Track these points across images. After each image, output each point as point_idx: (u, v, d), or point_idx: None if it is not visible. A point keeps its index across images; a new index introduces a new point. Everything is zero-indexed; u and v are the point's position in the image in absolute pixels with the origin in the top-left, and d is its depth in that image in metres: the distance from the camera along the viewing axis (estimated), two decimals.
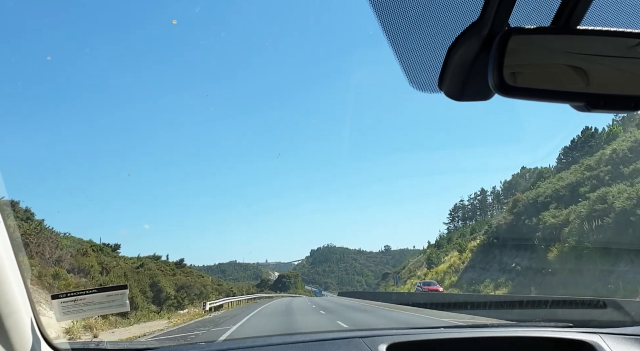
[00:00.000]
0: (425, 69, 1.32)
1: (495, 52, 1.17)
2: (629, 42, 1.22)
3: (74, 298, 2.28)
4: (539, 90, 1.23)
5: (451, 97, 1.31)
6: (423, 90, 1.36)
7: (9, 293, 1.73)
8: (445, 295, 28.74)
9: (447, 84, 1.28)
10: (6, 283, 1.72)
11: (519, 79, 1.22)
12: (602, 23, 1.21)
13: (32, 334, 1.87)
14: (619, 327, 2.69)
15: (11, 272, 1.76)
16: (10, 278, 1.75)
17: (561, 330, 2.67)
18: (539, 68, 1.26)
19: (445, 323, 14.03)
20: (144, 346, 2.51)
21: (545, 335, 2.62)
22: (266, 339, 2.55)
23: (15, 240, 1.86)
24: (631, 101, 1.22)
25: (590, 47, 1.22)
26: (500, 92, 1.20)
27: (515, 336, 2.63)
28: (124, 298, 2.37)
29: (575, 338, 2.53)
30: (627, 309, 12.48)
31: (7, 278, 1.73)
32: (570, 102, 1.23)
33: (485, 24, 1.18)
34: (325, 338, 2.47)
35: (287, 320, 21.46)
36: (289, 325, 18.55)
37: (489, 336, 2.65)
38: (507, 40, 1.17)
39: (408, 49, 1.29)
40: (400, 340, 2.46)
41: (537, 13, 1.22)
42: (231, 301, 40.33)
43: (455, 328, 3.13)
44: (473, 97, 1.32)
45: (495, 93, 1.23)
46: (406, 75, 1.33)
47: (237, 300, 44.13)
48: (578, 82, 1.22)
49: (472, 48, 1.22)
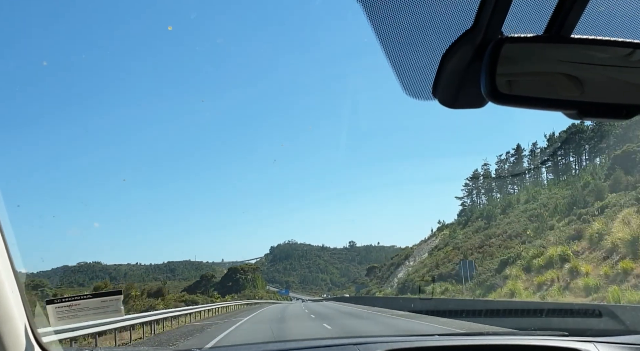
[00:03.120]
0: (419, 76, 1.32)
1: (488, 60, 1.18)
2: (622, 51, 1.24)
3: (69, 303, 2.27)
4: (532, 98, 1.24)
5: (445, 104, 1.32)
6: (417, 98, 1.36)
7: (2, 299, 1.73)
8: (439, 301, 28.62)
9: (441, 91, 1.29)
10: (0, 289, 1.72)
11: (512, 86, 1.24)
12: (595, 32, 1.23)
13: (26, 340, 1.87)
14: (613, 336, 2.70)
15: (6, 278, 1.76)
16: (4, 283, 1.74)
17: (556, 338, 2.67)
18: (532, 76, 1.27)
19: (441, 331, 14.01)
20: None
21: (540, 343, 2.62)
22: (261, 346, 2.55)
23: (9, 245, 1.86)
24: (623, 109, 1.23)
25: (582, 56, 1.24)
26: (492, 100, 1.20)
27: (511, 345, 2.63)
28: (118, 303, 2.36)
29: (570, 347, 2.53)
30: (622, 318, 12.49)
31: (1, 284, 1.73)
32: (563, 110, 1.25)
33: (479, 32, 1.19)
34: (320, 345, 2.47)
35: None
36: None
37: (484, 344, 2.65)
38: (500, 48, 1.19)
39: (402, 56, 1.30)
40: (394, 347, 2.46)
41: (530, 21, 1.23)
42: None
43: (451, 336, 3.13)
44: (467, 105, 1.33)
45: (488, 101, 1.25)
46: (400, 82, 1.34)
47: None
48: (570, 90, 1.23)
49: (465, 56, 1.23)
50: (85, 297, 2.31)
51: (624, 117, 1.24)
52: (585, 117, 1.22)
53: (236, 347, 2.53)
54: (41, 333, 2.06)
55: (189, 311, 29.83)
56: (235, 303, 53.19)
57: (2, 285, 1.73)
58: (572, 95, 1.23)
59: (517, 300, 25.22)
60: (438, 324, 18.99)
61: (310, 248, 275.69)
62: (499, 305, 20.57)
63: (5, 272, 1.76)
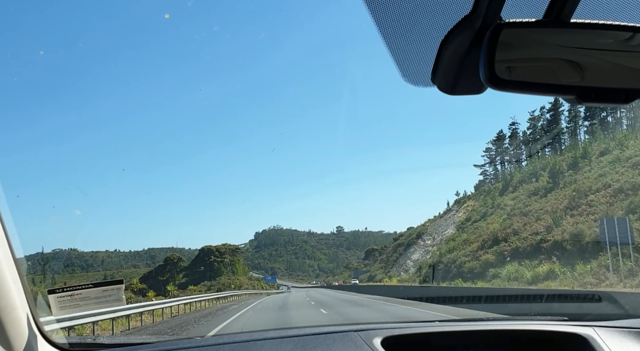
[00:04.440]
0: (418, 62, 1.32)
1: (487, 46, 1.18)
2: (621, 35, 1.23)
3: (71, 293, 2.28)
4: (531, 83, 1.24)
5: (444, 90, 1.32)
6: (416, 84, 1.36)
7: (4, 289, 1.74)
8: (440, 288, 28.71)
9: (440, 77, 1.29)
10: (2, 278, 1.73)
11: (511, 72, 1.23)
12: (594, 16, 1.22)
13: (28, 329, 1.88)
14: (613, 320, 2.72)
15: (7, 268, 1.77)
16: (6, 273, 1.75)
17: (556, 323, 2.69)
18: (531, 61, 1.27)
19: (441, 317, 14.10)
20: (141, 341, 2.52)
21: (539, 328, 2.64)
22: (262, 333, 2.57)
23: (9, 236, 1.87)
24: (622, 94, 1.23)
25: (581, 41, 1.23)
26: (492, 86, 1.20)
27: (510, 330, 2.65)
28: (120, 293, 2.38)
29: (569, 331, 2.55)
30: (621, 302, 12.58)
31: (3, 274, 1.73)
32: (562, 95, 1.25)
33: (478, 17, 1.19)
34: (321, 332, 2.48)
35: None
36: None
37: (484, 329, 2.67)
38: (499, 33, 1.18)
39: (401, 42, 1.29)
40: (395, 333, 2.47)
41: (529, 6, 1.22)
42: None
43: (451, 322, 3.15)
44: (466, 91, 1.32)
45: (487, 87, 1.24)
46: (399, 69, 1.33)
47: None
48: (569, 75, 1.23)
49: (464, 42, 1.23)
50: (87, 287, 2.32)
51: (624, 101, 1.24)
52: (585, 102, 1.22)
53: (238, 335, 2.55)
54: (43, 322, 2.08)
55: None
56: (190, 300, 31.57)
57: (3, 275, 1.74)
58: (572, 80, 1.23)
59: (516, 287, 25.14)
60: (436, 311, 18.97)
61: (296, 234, 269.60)
62: (499, 291, 20.68)
63: (6, 262, 1.77)
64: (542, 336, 2.61)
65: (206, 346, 2.35)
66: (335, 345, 2.33)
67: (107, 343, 2.49)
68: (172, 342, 2.54)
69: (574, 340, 2.51)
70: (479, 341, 2.58)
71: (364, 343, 2.34)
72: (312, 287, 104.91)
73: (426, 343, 2.56)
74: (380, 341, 2.37)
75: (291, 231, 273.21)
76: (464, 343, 2.58)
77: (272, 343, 2.36)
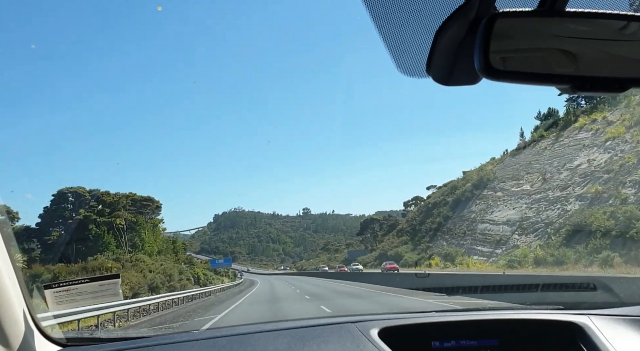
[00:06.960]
0: (413, 53, 1.31)
1: (481, 36, 1.17)
2: (616, 24, 1.23)
3: (67, 288, 2.28)
4: (526, 73, 1.23)
5: (439, 81, 1.31)
6: (411, 75, 1.35)
7: (1, 285, 1.73)
8: (436, 279, 28.77)
9: (434, 68, 1.28)
10: None
11: (505, 62, 1.23)
12: (588, 5, 1.22)
13: (25, 325, 1.87)
14: (608, 308, 2.73)
15: (2, 263, 1.76)
16: (2, 270, 1.74)
17: (551, 312, 2.71)
18: (525, 51, 1.27)
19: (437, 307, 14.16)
20: (139, 335, 2.52)
21: (535, 317, 2.66)
22: (259, 326, 2.57)
23: (5, 231, 1.86)
24: (616, 83, 1.23)
25: (576, 30, 1.23)
26: (486, 76, 1.20)
27: (506, 319, 2.66)
28: (116, 287, 2.37)
29: (564, 320, 2.57)
30: (616, 291, 12.67)
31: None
32: (557, 85, 1.24)
33: (472, 7, 1.18)
34: (318, 324, 2.49)
35: None
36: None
37: (481, 319, 2.68)
38: (493, 23, 1.18)
39: (395, 33, 1.28)
40: (392, 324, 2.48)
41: None
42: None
43: (448, 312, 3.16)
44: (461, 81, 1.32)
45: (482, 77, 1.24)
46: (394, 59, 1.32)
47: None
48: (564, 64, 1.23)
49: (459, 32, 1.22)
50: (84, 281, 2.32)
51: (617, 90, 1.24)
52: (579, 91, 1.22)
53: (234, 327, 2.55)
54: (40, 318, 2.07)
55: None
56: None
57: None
58: (566, 69, 1.23)
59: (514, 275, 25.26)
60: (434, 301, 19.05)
61: (259, 216, 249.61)
62: (494, 281, 20.80)
63: (2, 258, 1.76)
64: (538, 325, 2.62)
65: (203, 340, 2.35)
66: (332, 337, 2.33)
67: (105, 338, 2.49)
68: (169, 336, 2.54)
69: (570, 328, 2.53)
70: (477, 331, 2.60)
71: (361, 335, 2.34)
72: (278, 274, 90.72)
73: (424, 334, 2.57)
74: (378, 332, 2.37)
75: (254, 213, 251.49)
76: (461, 333, 2.59)
77: (268, 335, 2.37)
